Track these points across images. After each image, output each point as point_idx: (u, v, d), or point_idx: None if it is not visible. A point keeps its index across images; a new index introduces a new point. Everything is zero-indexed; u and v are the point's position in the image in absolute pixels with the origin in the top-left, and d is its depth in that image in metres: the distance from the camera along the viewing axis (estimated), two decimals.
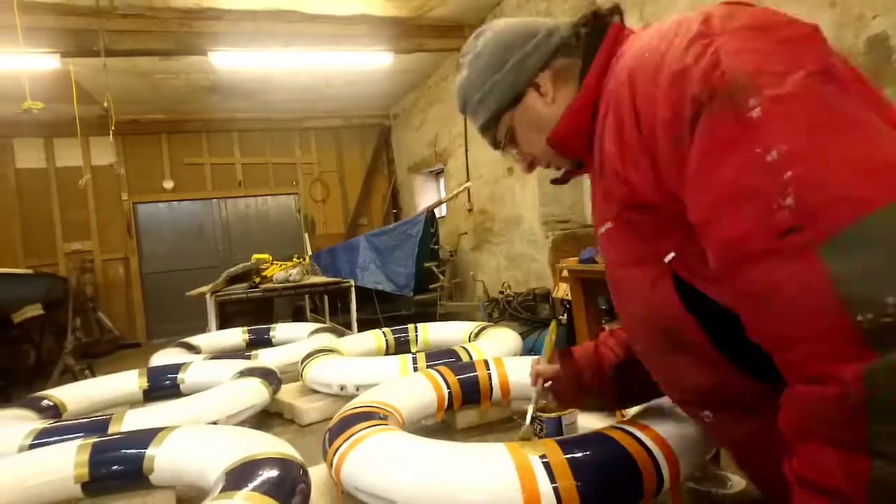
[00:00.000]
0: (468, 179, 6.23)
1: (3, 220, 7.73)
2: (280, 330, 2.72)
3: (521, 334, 1.89)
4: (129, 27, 4.75)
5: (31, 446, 1.24)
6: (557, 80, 0.92)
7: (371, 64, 5.75)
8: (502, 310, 4.29)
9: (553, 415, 1.20)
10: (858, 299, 0.51)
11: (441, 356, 1.63)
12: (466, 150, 6.38)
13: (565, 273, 3.39)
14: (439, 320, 4.16)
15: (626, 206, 0.78)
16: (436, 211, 6.25)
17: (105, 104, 4.53)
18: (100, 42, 4.44)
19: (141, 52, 5.05)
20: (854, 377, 0.52)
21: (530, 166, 1.02)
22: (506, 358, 1.50)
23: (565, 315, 3.63)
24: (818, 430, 0.57)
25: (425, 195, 8.58)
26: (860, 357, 0.52)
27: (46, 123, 6.95)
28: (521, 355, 1.68)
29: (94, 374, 4.85)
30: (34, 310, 5.58)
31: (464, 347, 1.68)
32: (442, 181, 8.04)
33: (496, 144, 1.02)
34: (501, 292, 4.66)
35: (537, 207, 4.96)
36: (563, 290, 3.59)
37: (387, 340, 2.12)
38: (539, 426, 1.20)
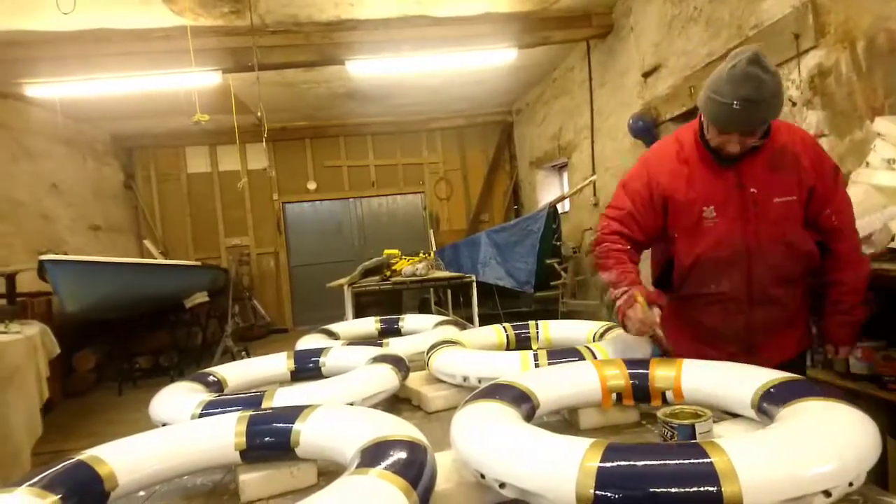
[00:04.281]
0: (594, 173, 6.03)
1: (178, 218, 8.97)
2: (408, 321, 2.81)
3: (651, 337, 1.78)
4: (277, 42, 5.26)
5: (202, 415, 1.43)
6: None
7: (495, 61, 5.78)
8: None
9: (686, 422, 1.14)
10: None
11: (564, 354, 1.58)
12: (592, 143, 6.17)
13: None
14: (561, 318, 4.08)
15: (807, 189, 1.65)
16: (558, 206, 6.12)
17: (258, 113, 5.03)
18: (254, 58, 4.96)
19: (288, 65, 5.57)
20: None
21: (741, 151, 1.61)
22: (624, 358, 1.44)
23: None
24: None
25: (547, 190, 8.44)
26: None
27: (210, 132, 7.90)
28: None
29: (249, 355, 5.43)
30: (202, 297, 6.39)
31: (588, 347, 1.62)
32: (565, 175, 7.87)
33: (747, 133, 1.55)
34: None
35: None
36: None
37: (507, 336, 2.10)
38: (670, 433, 1.15)
